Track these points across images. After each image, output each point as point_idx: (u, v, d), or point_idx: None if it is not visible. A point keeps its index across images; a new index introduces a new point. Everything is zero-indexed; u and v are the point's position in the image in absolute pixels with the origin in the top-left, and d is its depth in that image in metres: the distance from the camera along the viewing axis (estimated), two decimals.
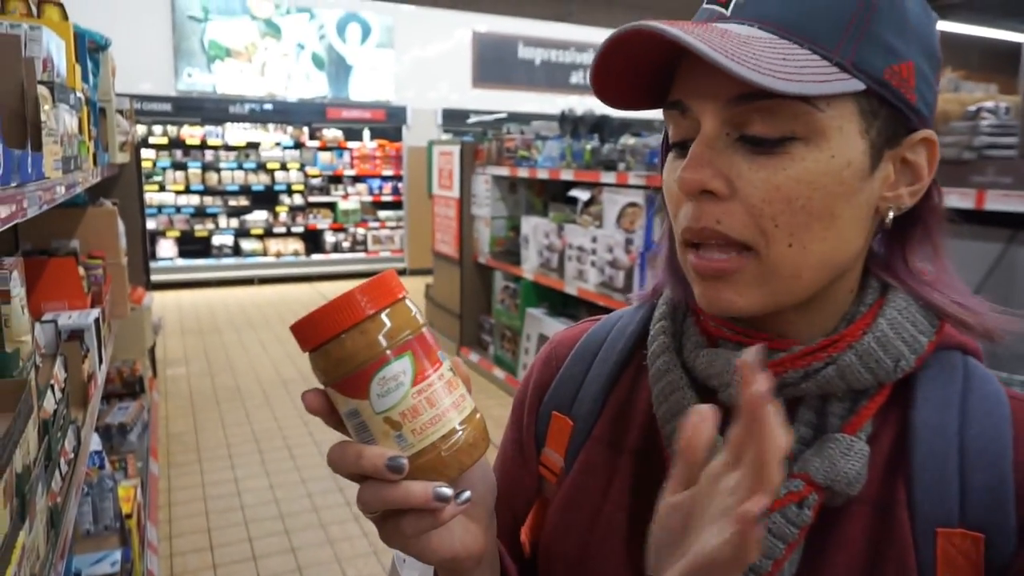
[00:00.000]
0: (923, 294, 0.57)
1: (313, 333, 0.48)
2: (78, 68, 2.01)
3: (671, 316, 0.64)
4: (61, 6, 2.00)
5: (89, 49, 2.59)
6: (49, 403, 1.28)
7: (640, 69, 0.54)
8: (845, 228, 0.52)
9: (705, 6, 0.54)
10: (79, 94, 1.89)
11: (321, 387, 0.50)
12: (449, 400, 0.50)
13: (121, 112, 3.39)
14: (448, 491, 0.48)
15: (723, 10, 0.52)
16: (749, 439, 0.41)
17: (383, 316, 0.49)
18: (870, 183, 0.52)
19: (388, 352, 0.48)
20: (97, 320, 1.99)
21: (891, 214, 0.55)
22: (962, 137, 2.19)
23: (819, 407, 0.55)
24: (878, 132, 0.52)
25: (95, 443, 2.17)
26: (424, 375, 0.49)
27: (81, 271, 2.17)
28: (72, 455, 1.45)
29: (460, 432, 0.50)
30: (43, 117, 1.30)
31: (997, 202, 2.02)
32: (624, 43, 0.50)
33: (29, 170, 1.20)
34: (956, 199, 2.11)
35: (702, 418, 0.45)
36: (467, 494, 0.50)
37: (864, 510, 0.53)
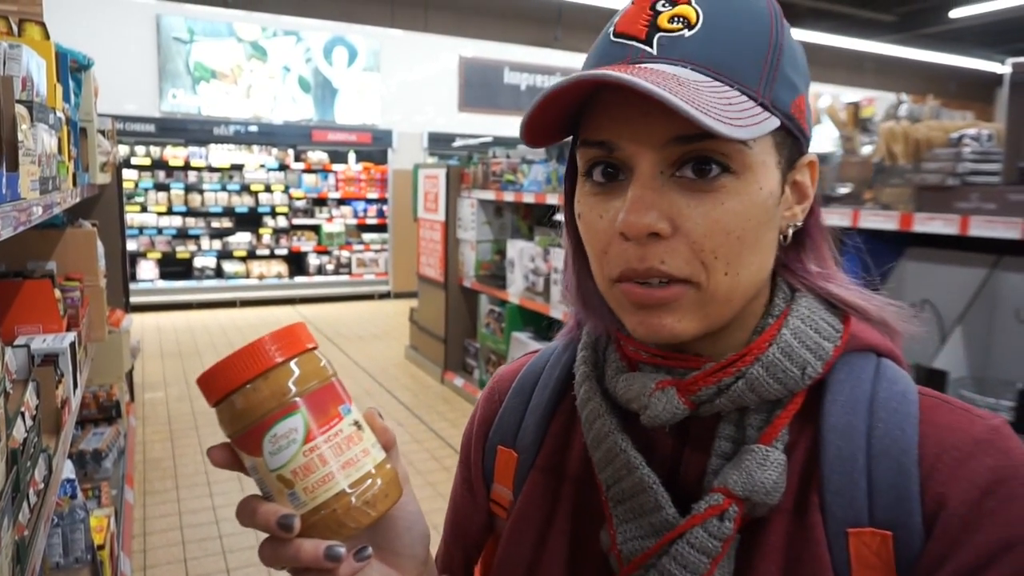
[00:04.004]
0: (823, 287, 0.59)
1: (214, 387, 0.49)
2: (59, 88, 1.98)
3: (592, 345, 0.65)
4: (43, 25, 1.97)
5: (71, 69, 2.55)
6: (19, 431, 1.23)
7: (561, 109, 0.53)
8: (765, 251, 0.55)
9: (624, 41, 0.52)
10: (59, 114, 1.86)
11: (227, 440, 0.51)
12: (346, 456, 0.49)
13: (103, 132, 3.35)
14: (341, 550, 0.48)
15: (648, 48, 0.51)
16: None
17: (286, 367, 0.49)
18: (779, 208, 0.56)
19: (279, 408, 0.48)
20: (73, 344, 1.94)
21: (790, 231, 0.58)
22: (946, 164, 2.21)
23: (738, 420, 0.57)
24: (785, 161, 0.55)
25: (68, 471, 2.10)
26: (318, 432, 0.48)
27: (57, 293, 2.12)
28: (42, 485, 1.39)
29: (359, 488, 0.49)
30: (20, 137, 1.27)
31: (981, 228, 2.03)
32: (576, 91, 0.50)
33: (4, 190, 1.17)
34: (941, 225, 2.13)
35: None
36: (368, 550, 0.51)
37: (783, 517, 0.54)
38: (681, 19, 0.51)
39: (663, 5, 0.52)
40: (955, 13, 9.65)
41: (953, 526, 0.49)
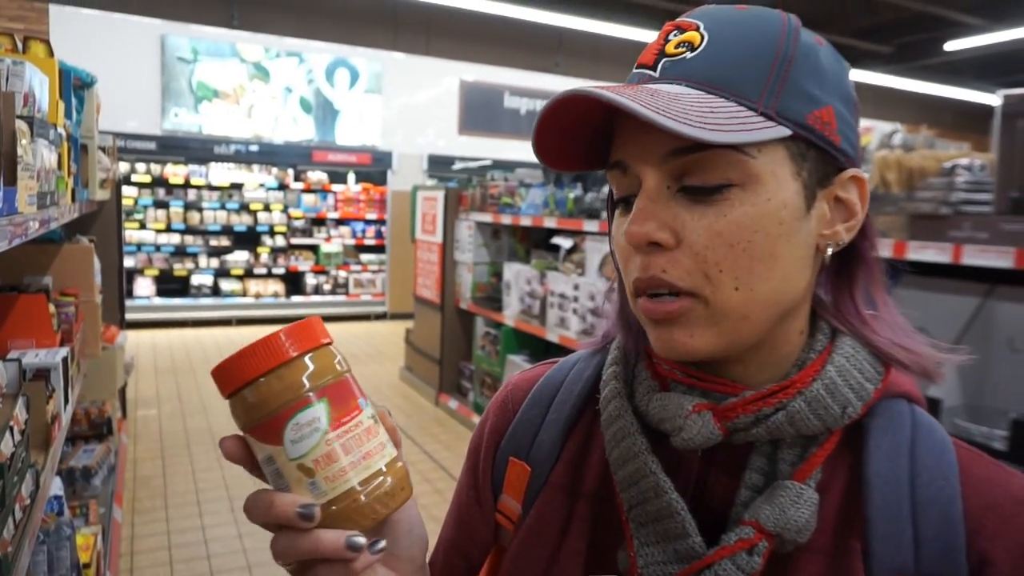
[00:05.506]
0: (867, 337, 0.58)
1: (232, 376, 0.48)
2: (61, 104, 2.00)
3: (623, 362, 0.65)
4: (47, 43, 2.00)
5: (75, 86, 2.58)
6: (7, 446, 1.22)
7: (580, 133, 0.57)
8: (788, 267, 0.54)
9: (635, 70, 0.57)
10: (60, 130, 1.87)
11: (240, 433, 0.50)
12: (365, 448, 0.49)
13: (103, 149, 3.37)
14: (361, 540, 0.48)
15: (652, 72, 0.55)
16: None
17: (302, 360, 0.49)
18: (807, 222, 0.55)
19: (303, 398, 0.48)
20: (65, 359, 1.93)
21: (830, 250, 0.57)
22: (939, 193, 2.23)
23: (770, 453, 0.56)
24: (809, 173, 0.54)
25: (56, 487, 2.08)
26: (340, 422, 0.48)
27: (52, 308, 2.12)
28: (29, 501, 1.38)
29: (376, 481, 0.49)
30: (19, 152, 1.28)
31: (973, 257, 2.04)
32: (564, 108, 0.53)
33: (0, 204, 1.17)
34: (933, 254, 2.14)
35: None
36: (382, 543, 0.50)
37: (817, 558, 0.54)
38: (686, 44, 0.54)
39: (674, 34, 0.56)
40: (950, 46, 9.77)
41: None
